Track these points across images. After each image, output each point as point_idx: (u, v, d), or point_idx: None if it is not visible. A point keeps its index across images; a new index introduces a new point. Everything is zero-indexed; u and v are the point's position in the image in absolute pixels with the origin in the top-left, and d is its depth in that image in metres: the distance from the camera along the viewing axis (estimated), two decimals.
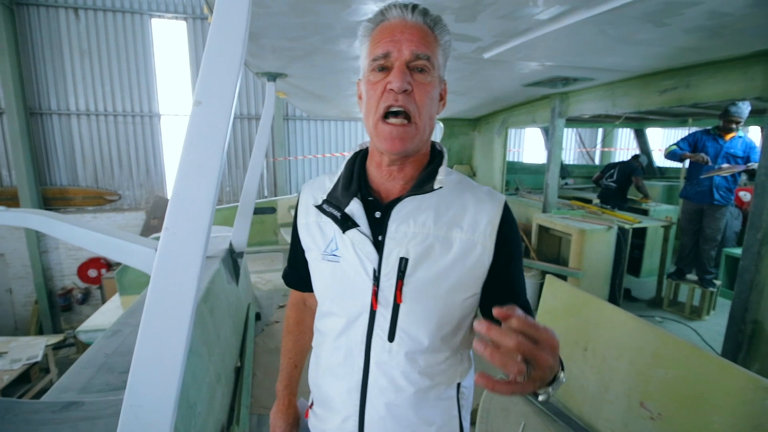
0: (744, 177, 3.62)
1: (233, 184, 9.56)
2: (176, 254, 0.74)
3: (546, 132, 6.25)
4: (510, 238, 0.72)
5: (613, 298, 3.53)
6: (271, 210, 5.38)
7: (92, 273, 8.26)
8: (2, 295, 8.11)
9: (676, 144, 3.60)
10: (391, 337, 0.70)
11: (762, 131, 2.13)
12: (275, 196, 9.04)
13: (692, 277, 3.62)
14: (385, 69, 0.67)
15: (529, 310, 0.72)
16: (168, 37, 8.76)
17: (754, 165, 3.26)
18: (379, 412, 0.72)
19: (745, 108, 3.29)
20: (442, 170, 0.72)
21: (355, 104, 4.74)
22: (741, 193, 4.39)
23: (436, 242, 0.69)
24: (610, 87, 3.27)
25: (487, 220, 0.70)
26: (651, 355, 1.32)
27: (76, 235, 1.96)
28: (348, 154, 0.83)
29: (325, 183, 0.80)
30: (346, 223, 0.72)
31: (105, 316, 4.21)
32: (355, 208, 0.72)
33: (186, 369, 0.81)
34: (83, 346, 5.04)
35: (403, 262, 0.69)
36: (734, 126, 3.34)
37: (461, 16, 1.74)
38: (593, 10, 1.50)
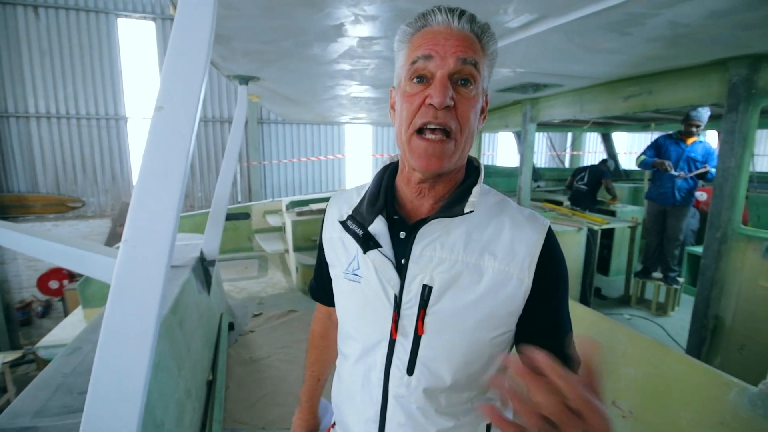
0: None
1: (205, 189, 9.30)
2: (137, 268, 0.70)
3: (518, 136, 6.40)
4: (553, 271, 0.63)
5: (584, 297, 3.64)
6: (245, 216, 5.25)
7: (53, 284, 7.83)
8: None
9: (644, 153, 3.76)
10: (410, 371, 0.64)
11: (721, 136, 2.24)
12: (250, 201, 8.85)
13: (657, 275, 3.77)
14: (423, 80, 0.60)
15: (569, 355, 0.63)
16: (135, 38, 8.46)
17: (704, 169, 3.46)
18: None
19: (704, 113, 3.46)
20: (477, 190, 0.65)
21: (330, 108, 4.71)
22: (697, 194, 4.65)
23: (465, 270, 0.62)
24: (578, 93, 3.38)
25: (526, 249, 0.62)
26: (621, 355, 1.35)
27: (33, 246, 1.84)
28: (380, 164, 0.78)
29: (353, 197, 0.76)
30: (367, 243, 0.66)
31: (67, 330, 3.97)
32: (379, 227, 0.67)
33: (152, 386, 0.76)
34: (43, 363, 4.74)
35: (427, 290, 0.62)
36: (694, 129, 3.51)
37: None
38: (561, 19, 1.54)
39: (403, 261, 0.64)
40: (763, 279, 2.13)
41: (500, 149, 11.88)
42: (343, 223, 0.71)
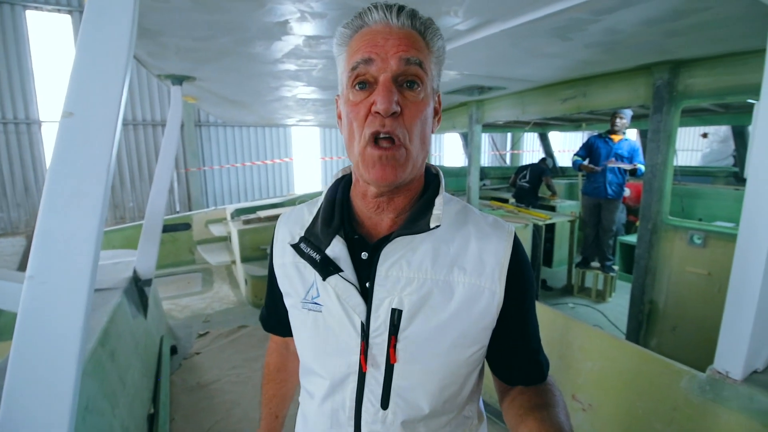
0: (628, 174, 4.22)
1: (137, 199, 8.56)
2: (48, 307, 0.57)
3: (465, 137, 6.60)
4: (522, 279, 0.61)
5: None
6: (185, 226, 4.87)
7: None
8: None
9: (577, 154, 4.07)
10: (385, 404, 0.59)
11: (648, 135, 2.44)
12: (189, 210, 8.29)
13: (595, 264, 4.05)
14: (366, 86, 0.55)
15: (541, 360, 0.64)
16: (49, 33, 7.57)
17: (633, 165, 3.83)
18: None
19: (628, 112, 3.85)
20: (440, 201, 0.60)
21: (275, 110, 4.51)
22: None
23: (435, 288, 0.57)
24: (520, 95, 3.52)
25: (495, 259, 0.59)
26: (579, 350, 1.39)
27: None
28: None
29: (304, 215, 0.68)
30: (327, 269, 0.59)
31: None
32: (337, 249, 0.60)
33: None
34: None
35: (396, 314, 0.57)
36: (618, 122, 3.84)
37: None
38: (509, 23, 1.57)
39: (367, 284, 0.59)
40: (690, 265, 2.34)
41: (447, 150, 12.23)
42: (296, 247, 0.64)
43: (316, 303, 0.62)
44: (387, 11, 0.55)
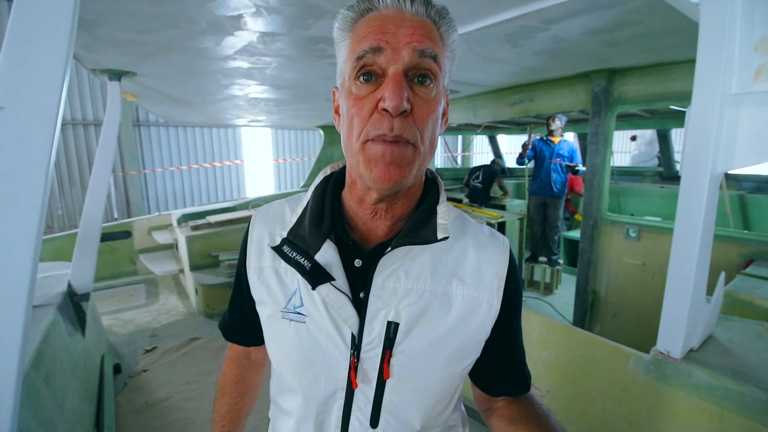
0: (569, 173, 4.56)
1: (67, 206, 7.80)
2: None
3: None
4: (516, 292, 0.60)
5: None
6: (125, 234, 4.50)
7: None
8: None
9: (526, 157, 4.41)
10: (375, 422, 0.55)
11: (588, 137, 2.64)
12: (129, 217, 7.69)
13: (543, 259, 4.31)
14: (372, 78, 0.48)
15: (525, 372, 0.64)
16: None
17: (576, 165, 4.16)
18: None
19: (562, 116, 4.23)
20: (443, 210, 0.56)
21: (225, 110, 4.31)
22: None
23: (434, 300, 0.54)
24: (471, 99, 3.66)
25: (493, 271, 0.57)
26: (536, 340, 1.47)
27: None
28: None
29: (285, 214, 0.62)
30: (317, 277, 0.54)
31: None
32: (329, 255, 0.55)
33: None
34: None
35: (392, 327, 0.53)
36: (551, 123, 4.16)
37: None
38: (464, 27, 1.62)
39: (361, 295, 0.54)
40: (626, 256, 2.56)
41: None
42: (278, 250, 0.57)
43: (299, 313, 0.56)
44: None
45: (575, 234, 4.39)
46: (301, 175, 10.91)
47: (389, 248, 0.54)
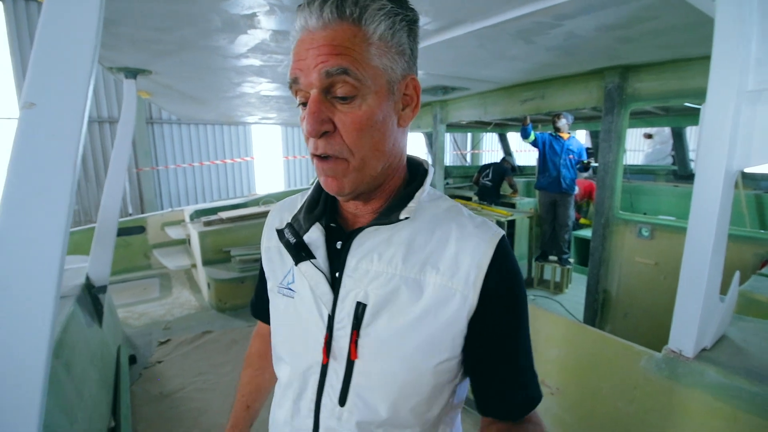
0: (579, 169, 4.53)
1: (83, 201, 7.96)
2: (11, 320, 0.52)
3: (429, 137, 6.71)
4: (504, 289, 0.55)
5: None
6: (140, 229, 4.59)
7: None
8: None
9: (528, 129, 4.34)
10: (342, 401, 0.56)
11: (600, 135, 2.62)
12: (142, 212, 7.82)
13: (553, 258, 4.28)
14: (306, 104, 0.50)
15: (524, 394, 0.57)
16: None
17: (589, 160, 4.17)
18: None
19: (569, 115, 4.25)
20: (419, 195, 0.57)
21: (236, 107, 4.36)
22: None
23: (403, 285, 0.54)
24: (482, 96, 3.64)
25: (471, 261, 0.54)
26: (545, 338, 1.47)
27: None
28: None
29: (296, 203, 0.67)
30: (299, 254, 0.58)
31: None
32: (314, 236, 0.59)
33: None
34: None
35: (360, 308, 0.55)
36: (557, 120, 4.18)
37: None
38: (476, 24, 1.61)
39: (337, 274, 0.57)
40: (638, 255, 2.53)
41: (409, 149, 12.35)
42: (279, 231, 0.61)
43: (290, 289, 0.61)
44: (309, 10, 0.48)
45: (586, 233, 4.36)
46: (310, 172, 10.96)
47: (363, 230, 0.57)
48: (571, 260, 4.27)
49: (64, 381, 1.35)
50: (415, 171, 0.62)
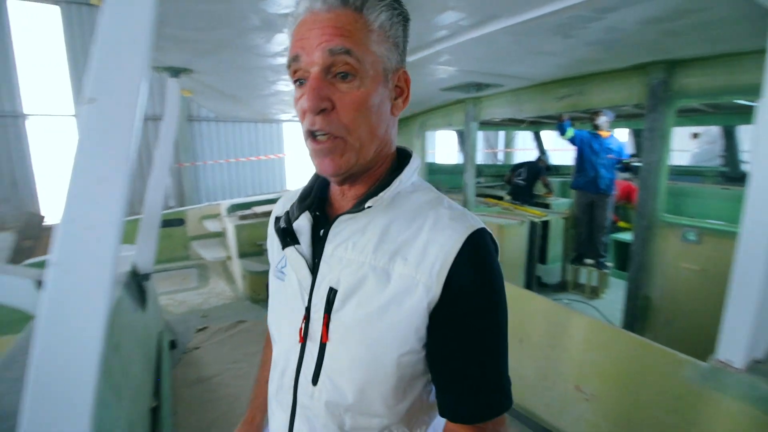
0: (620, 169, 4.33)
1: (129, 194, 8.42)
2: (72, 296, 0.57)
3: (460, 135, 6.62)
4: (470, 284, 0.52)
5: (528, 285, 3.86)
6: (179, 222, 4.82)
7: None
8: None
9: (566, 125, 4.19)
10: (315, 381, 0.58)
11: (644, 134, 2.49)
12: (182, 206, 8.19)
13: (589, 261, 4.11)
14: (305, 82, 0.53)
15: (481, 400, 0.54)
16: (36, 25, 7.38)
17: (630, 160, 3.98)
18: None
19: (609, 112, 4.06)
20: (394, 185, 0.57)
21: (271, 105, 4.48)
22: None
23: (371, 274, 0.55)
24: (516, 93, 3.55)
25: (438, 252, 0.52)
26: (582, 342, 1.42)
27: None
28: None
29: (298, 193, 0.71)
30: (285, 239, 0.62)
31: None
32: (302, 224, 0.63)
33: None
34: None
35: (332, 293, 0.57)
36: (595, 118, 4.00)
37: None
38: (512, 19, 1.58)
39: (316, 260, 0.60)
40: (684, 261, 2.40)
41: (439, 147, 12.26)
42: (277, 219, 0.67)
43: (282, 272, 0.66)
44: None
45: (626, 236, 4.16)
46: None
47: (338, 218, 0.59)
48: (609, 264, 4.11)
49: (113, 361, 1.44)
50: (404, 161, 0.63)
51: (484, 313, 0.54)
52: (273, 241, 0.72)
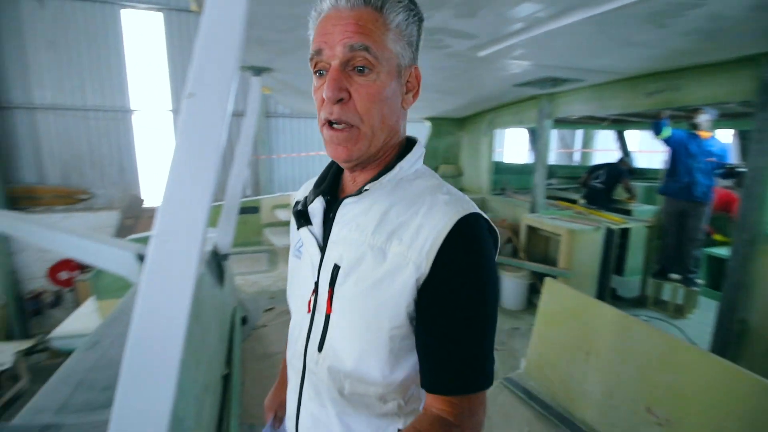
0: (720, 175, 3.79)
1: None
2: (168, 264, 0.65)
3: (532, 133, 6.30)
4: (457, 264, 0.55)
5: (600, 297, 3.57)
6: (254, 210, 5.22)
7: (63, 275, 7.84)
8: None
9: (663, 124, 3.69)
10: (320, 348, 0.65)
11: (753, 135, 2.17)
12: (258, 195, 8.84)
13: (675, 276, 3.69)
14: (324, 73, 0.58)
15: (456, 374, 0.57)
16: (142, 29, 8.41)
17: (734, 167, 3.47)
18: (306, 422, 0.69)
19: (712, 110, 3.58)
20: (394, 172, 0.62)
21: None
22: None
23: (369, 252, 0.60)
24: (598, 89, 3.29)
25: (429, 233, 0.56)
26: (658, 360, 1.30)
27: (45, 238, 1.82)
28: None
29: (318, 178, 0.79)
30: (300, 221, 0.69)
31: (80, 321, 3.98)
32: (316, 207, 0.68)
33: None
34: (56, 353, 4.77)
35: (336, 270, 0.63)
36: (697, 118, 3.51)
37: (461, 12, 1.69)
38: (597, 8, 1.48)
39: (326, 240, 0.66)
40: None
41: (508, 145, 11.77)
42: (296, 203, 0.73)
43: (299, 251, 0.72)
44: None
45: (722, 251, 3.67)
46: None
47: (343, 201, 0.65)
48: (699, 281, 3.65)
49: (194, 328, 1.63)
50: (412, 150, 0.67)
51: (469, 292, 0.56)
52: (293, 223, 0.77)
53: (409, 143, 0.68)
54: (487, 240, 0.58)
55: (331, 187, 0.70)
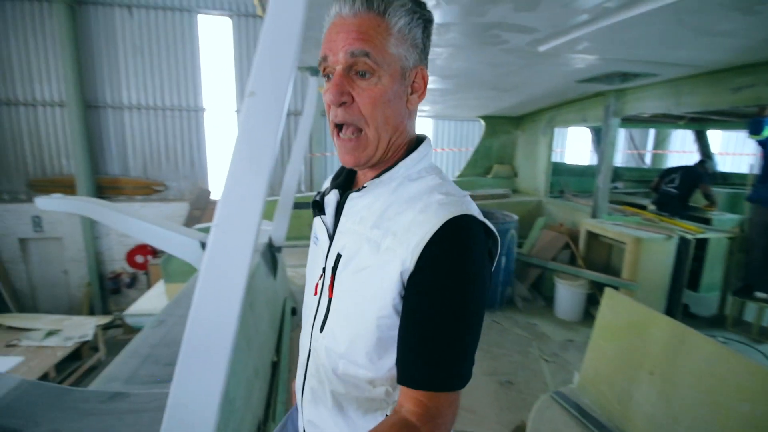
0: None
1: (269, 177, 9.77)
2: (226, 252, 0.70)
3: (596, 132, 5.90)
4: (440, 261, 0.57)
5: (670, 314, 3.26)
6: (308, 205, 5.40)
7: (139, 259, 8.71)
8: (59, 276, 8.72)
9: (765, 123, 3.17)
10: (322, 329, 0.70)
11: None
12: (312, 191, 9.16)
13: (763, 295, 3.27)
14: (331, 77, 0.62)
15: (426, 369, 0.58)
16: (213, 34, 9.05)
17: None
18: (307, 395, 0.73)
19: None
20: (395, 171, 0.66)
21: None
22: None
23: (366, 244, 0.64)
24: (674, 84, 3.01)
25: (417, 230, 0.59)
26: (734, 387, 1.16)
27: (125, 224, 2.03)
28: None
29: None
30: (314, 210, 0.75)
31: (150, 301, 4.39)
32: (330, 199, 0.73)
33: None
34: (129, 329, 5.30)
35: (338, 258, 0.68)
36: None
37: (521, 5, 1.62)
38: None
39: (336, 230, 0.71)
40: None
41: (570, 145, 11.11)
42: (317, 194, 0.77)
43: (317, 238, 0.77)
44: (342, 1, 0.60)
45: None
46: (457, 166, 10.97)
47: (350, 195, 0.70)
48: None
49: (247, 314, 1.72)
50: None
51: (448, 291, 0.58)
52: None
53: (418, 142, 0.71)
54: (477, 242, 0.59)
55: (346, 181, 0.76)
